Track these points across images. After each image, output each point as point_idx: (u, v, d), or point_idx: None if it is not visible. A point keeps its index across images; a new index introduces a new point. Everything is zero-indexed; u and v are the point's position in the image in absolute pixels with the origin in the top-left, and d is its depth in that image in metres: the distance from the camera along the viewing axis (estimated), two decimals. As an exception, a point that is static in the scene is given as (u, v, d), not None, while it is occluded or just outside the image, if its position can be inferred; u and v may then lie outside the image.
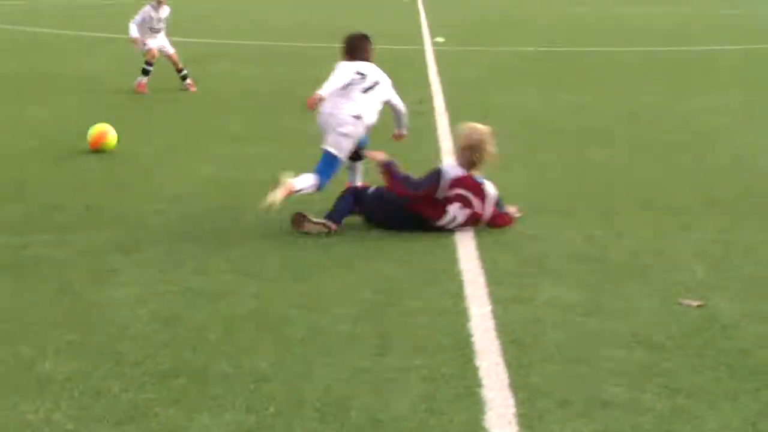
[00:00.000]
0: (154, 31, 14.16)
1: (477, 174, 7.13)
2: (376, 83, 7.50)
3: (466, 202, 7.05)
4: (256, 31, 24.40)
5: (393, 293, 5.74)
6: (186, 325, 5.18)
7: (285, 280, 5.98)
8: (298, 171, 8.33)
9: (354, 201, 7.24)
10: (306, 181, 7.28)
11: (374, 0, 42.41)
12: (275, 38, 22.66)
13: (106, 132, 9.81)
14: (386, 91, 7.59)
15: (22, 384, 4.43)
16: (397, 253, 6.56)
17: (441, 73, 16.48)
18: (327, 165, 7.37)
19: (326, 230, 7.00)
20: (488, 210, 7.11)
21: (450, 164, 7.32)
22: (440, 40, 22.01)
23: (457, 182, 7.05)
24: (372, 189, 7.33)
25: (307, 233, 6.97)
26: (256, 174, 8.86)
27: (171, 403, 4.26)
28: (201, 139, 10.48)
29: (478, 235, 7.00)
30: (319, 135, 7.49)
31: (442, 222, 7.05)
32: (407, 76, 16.27)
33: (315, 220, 7.01)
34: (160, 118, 11.83)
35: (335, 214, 7.13)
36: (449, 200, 7.03)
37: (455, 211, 7.04)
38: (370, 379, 4.52)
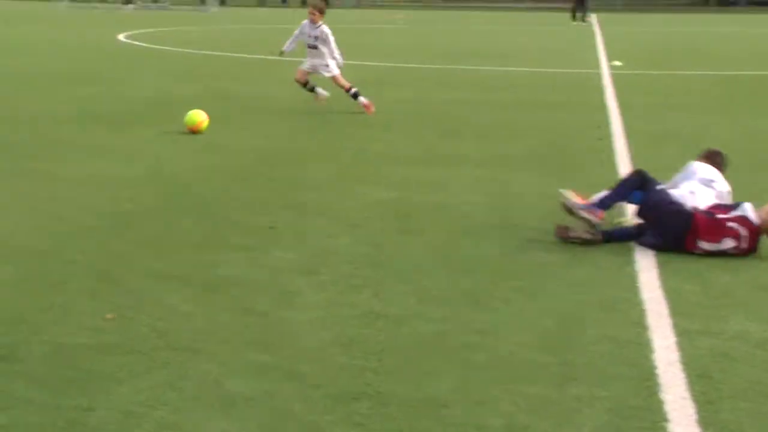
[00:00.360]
0: (310, 47, 14.38)
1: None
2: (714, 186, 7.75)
3: (738, 238, 7.07)
4: (431, 55, 24.53)
5: (574, 322, 5.66)
6: (367, 348, 5.22)
7: (466, 305, 5.96)
8: (472, 195, 8.36)
9: (638, 185, 7.39)
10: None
11: (547, 23, 42.25)
12: (450, 62, 22.73)
13: (203, 121, 12.10)
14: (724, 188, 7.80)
15: (209, 402, 4.53)
16: (578, 281, 6.48)
17: (618, 97, 16.23)
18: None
19: (591, 231, 7.25)
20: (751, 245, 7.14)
21: (750, 206, 7.30)
22: (617, 63, 21.70)
23: (744, 221, 7.10)
24: (661, 185, 7.45)
25: (577, 240, 7.23)
26: (432, 198, 8.89)
27: (353, 426, 4.30)
28: (377, 162, 10.57)
29: (660, 263, 6.86)
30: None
31: (707, 247, 7.06)
32: (582, 99, 16.13)
33: (581, 213, 7.29)
34: (336, 140, 11.99)
35: (607, 199, 7.36)
36: (729, 232, 7.05)
37: (726, 243, 7.05)
38: (552, 409, 4.47)
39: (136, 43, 27.56)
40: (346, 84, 14.35)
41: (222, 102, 14.96)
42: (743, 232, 7.05)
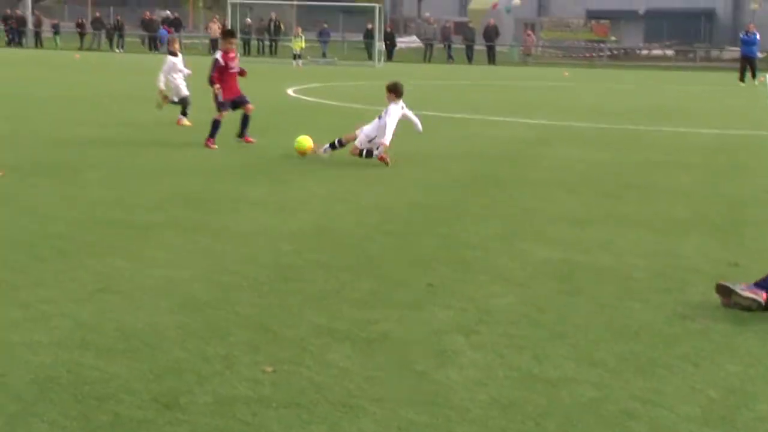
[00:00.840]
0: None
1: None
2: None
3: None
4: (596, 114, 24.30)
5: (741, 395, 5.46)
6: (525, 412, 5.14)
7: (627, 371, 5.82)
8: (636, 257, 8.19)
9: None
10: None
11: (715, 82, 41.41)
12: (615, 121, 22.49)
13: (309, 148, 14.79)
14: None
15: (366, 460, 4.52)
16: (745, 351, 6.26)
17: (792, 160, 15.76)
18: None
19: (755, 304, 7.00)
20: None
21: None
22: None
23: None
24: None
25: (738, 306, 7.03)
26: (596, 259, 8.76)
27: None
28: (541, 221, 10.48)
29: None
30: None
31: None
32: (753, 163, 15.70)
33: (743, 293, 6.97)
34: (499, 197, 11.94)
35: None
36: None
37: None
38: (717, 485, 4.30)
39: (304, 97, 28.14)
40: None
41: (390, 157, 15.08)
42: None
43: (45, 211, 10.25)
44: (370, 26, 57.94)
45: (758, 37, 41.01)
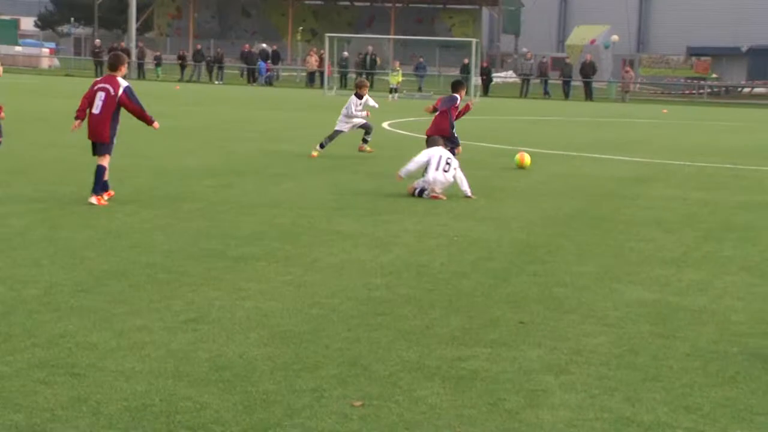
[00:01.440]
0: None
1: None
2: None
3: None
4: (693, 153, 23.96)
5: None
6: (617, 456, 5.05)
7: (723, 418, 5.69)
8: (735, 300, 8.02)
9: None
10: None
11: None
12: (712, 160, 22.15)
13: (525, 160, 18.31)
14: None
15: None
16: None
17: None
18: None
19: None
20: None
21: None
22: None
23: None
24: None
25: None
26: (692, 301, 8.61)
27: None
28: (637, 261, 10.33)
29: None
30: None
31: None
32: None
33: None
34: (595, 235, 11.80)
35: None
36: None
37: None
38: None
39: (399, 131, 28.23)
40: None
41: (483, 191, 15.04)
42: None
43: (141, 240, 10.41)
44: (466, 61, 57.96)
45: None
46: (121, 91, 12.61)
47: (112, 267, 9.07)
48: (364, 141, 20.93)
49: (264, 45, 69.81)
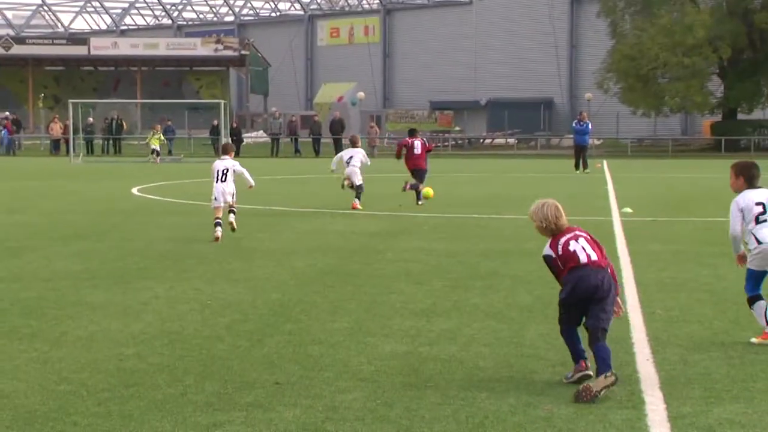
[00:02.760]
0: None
1: None
2: None
3: None
4: (439, 204, 24.64)
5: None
6: None
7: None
8: (483, 347, 8.26)
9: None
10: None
11: (551, 170, 42.59)
12: (461, 210, 22.86)
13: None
14: None
15: None
16: (589, 436, 6.35)
17: (629, 244, 16.22)
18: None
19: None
20: None
21: None
22: (628, 210, 21.79)
23: None
24: None
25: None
26: (441, 350, 8.82)
27: None
28: (387, 314, 10.51)
29: (671, 417, 6.72)
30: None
31: None
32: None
33: (597, 388, 7.12)
34: (347, 294, 11.94)
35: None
36: None
37: None
38: None
39: (149, 196, 27.83)
40: None
41: (236, 253, 14.98)
42: None
43: None
44: (215, 122, 57.87)
45: (590, 126, 41.96)
46: None
47: None
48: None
49: (8, 113, 67.51)
